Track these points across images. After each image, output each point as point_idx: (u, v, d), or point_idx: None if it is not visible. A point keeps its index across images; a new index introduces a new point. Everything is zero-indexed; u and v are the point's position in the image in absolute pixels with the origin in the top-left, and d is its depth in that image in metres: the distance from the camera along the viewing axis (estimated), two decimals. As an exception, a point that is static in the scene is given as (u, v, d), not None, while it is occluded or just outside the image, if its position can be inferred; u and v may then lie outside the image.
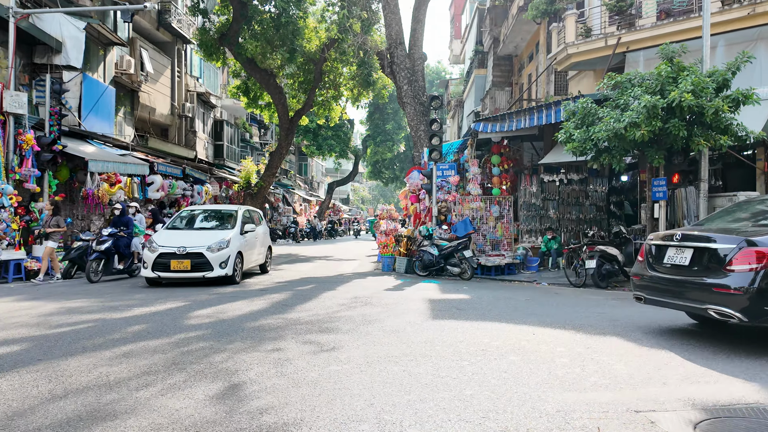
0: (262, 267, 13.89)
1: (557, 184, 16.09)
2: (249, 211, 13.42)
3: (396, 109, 41.23)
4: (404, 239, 15.43)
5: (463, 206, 15.87)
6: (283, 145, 26.16)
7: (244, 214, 12.69)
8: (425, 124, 19.95)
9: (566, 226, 16.25)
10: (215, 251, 10.99)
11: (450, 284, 12.41)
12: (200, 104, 28.52)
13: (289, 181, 43.29)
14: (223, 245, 11.14)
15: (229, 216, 12.65)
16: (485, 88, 26.01)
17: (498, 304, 9.08)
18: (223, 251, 11.08)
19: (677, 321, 7.55)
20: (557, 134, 12.63)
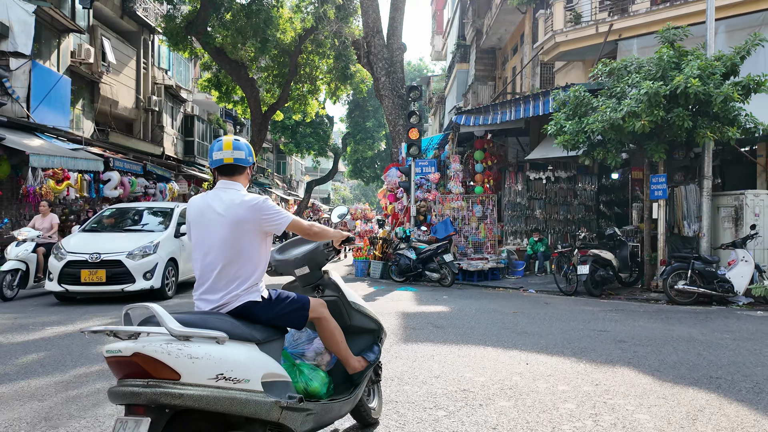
0: None
1: (544, 182, 14.86)
2: None
3: (377, 107, 39.83)
4: (380, 241, 14.07)
5: (444, 206, 14.55)
6: (255, 141, 24.61)
7: (181, 212, 10.45)
8: (404, 118, 18.59)
9: (553, 227, 15.02)
10: (138, 258, 8.80)
11: (428, 292, 11.07)
12: (169, 98, 26.84)
13: (266, 179, 41.63)
14: (148, 250, 8.99)
15: (163, 214, 10.50)
16: (467, 83, 24.77)
17: (482, 320, 7.75)
18: (149, 258, 8.91)
19: (693, 341, 6.28)
20: (546, 126, 11.37)
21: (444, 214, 14.47)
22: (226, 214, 2.87)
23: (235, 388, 2.44)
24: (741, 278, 9.17)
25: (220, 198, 2.93)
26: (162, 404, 2.31)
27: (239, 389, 2.45)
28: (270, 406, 2.53)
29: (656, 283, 10.67)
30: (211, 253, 2.88)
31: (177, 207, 10.60)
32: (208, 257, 2.89)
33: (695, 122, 9.46)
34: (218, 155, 2.97)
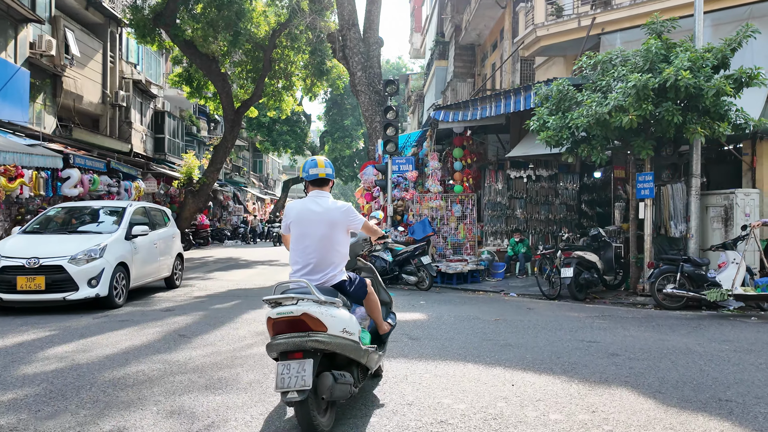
0: (169, 281, 10.77)
1: (525, 180, 14.29)
2: (145, 208, 10.52)
3: (355, 105, 39.09)
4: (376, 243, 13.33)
5: (422, 205, 13.89)
6: (228, 138, 23.69)
7: (135, 212, 9.73)
8: (381, 114, 17.90)
9: (534, 227, 14.46)
10: (82, 263, 7.85)
11: (405, 297, 10.38)
12: (137, 93, 25.73)
13: (242, 178, 40.61)
14: (94, 254, 8.02)
15: (115, 214, 9.59)
16: (446, 80, 24.17)
17: (462, 329, 7.08)
18: (94, 263, 7.97)
19: (691, 354, 5.70)
20: (528, 122, 10.78)
21: (422, 214, 13.81)
22: (325, 215, 3.92)
23: (350, 339, 3.55)
24: (732, 281, 8.66)
25: (317, 203, 3.97)
26: (316, 349, 3.37)
27: (351, 340, 3.57)
28: (363, 352, 3.71)
29: (643, 287, 10.14)
30: (311, 245, 3.89)
31: (130, 206, 9.72)
32: (309, 248, 3.89)
33: (684, 117, 8.93)
34: (314, 171, 4.03)
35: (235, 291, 10.71)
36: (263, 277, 13.49)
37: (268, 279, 12.93)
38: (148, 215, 10.37)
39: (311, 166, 4.08)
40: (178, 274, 11.32)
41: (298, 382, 3.26)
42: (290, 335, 3.38)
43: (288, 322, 3.39)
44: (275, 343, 3.41)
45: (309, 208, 3.96)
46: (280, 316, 3.39)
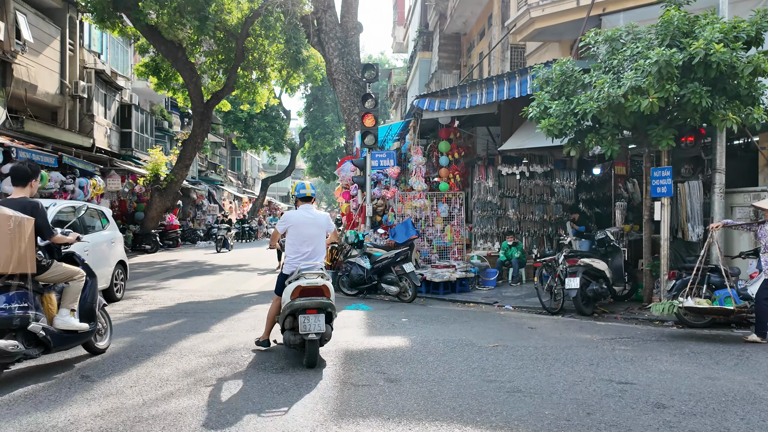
0: (107, 294, 8.86)
1: (518, 177, 12.79)
2: (75, 208, 8.78)
3: (336, 101, 37.37)
4: (328, 247, 11.68)
5: (405, 204, 12.31)
6: (197, 132, 21.88)
7: (60, 212, 8.04)
8: (360, 104, 16.30)
9: (528, 228, 12.98)
10: None
11: (384, 312, 8.80)
12: (101, 84, 23.76)
13: (218, 176, 38.66)
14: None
15: None
16: (430, 72, 22.64)
17: (454, 363, 5.51)
18: None
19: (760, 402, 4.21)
20: (526, 109, 9.24)
21: (405, 215, 12.23)
22: (315, 220, 5.78)
23: (333, 302, 5.35)
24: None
25: (309, 212, 5.82)
26: (325, 307, 5.21)
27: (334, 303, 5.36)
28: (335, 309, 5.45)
29: (659, 299, 8.68)
30: (307, 241, 5.66)
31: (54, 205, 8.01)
32: (305, 243, 5.66)
33: (712, 101, 7.48)
34: (304, 191, 5.91)
35: (185, 305, 9.02)
36: (224, 285, 11.80)
37: (228, 289, 11.25)
38: (79, 217, 8.63)
39: (302, 187, 5.93)
40: (120, 285, 9.60)
41: (317, 328, 5.10)
42: (312, 298, 5.16)
43: (313, 289, 5.20)
44: (299, 303, 5.12)
45: (304, 215, 5.76)
46: (309, 284, 5.21)
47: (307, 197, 5.88)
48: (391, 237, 11.60)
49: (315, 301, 5.15)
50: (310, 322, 5.08)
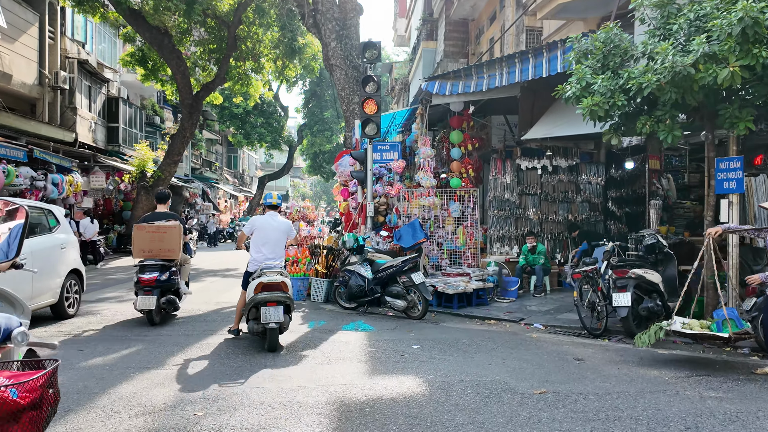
0: (57, 309, 7.55)
1: (539, 172, 11.11)
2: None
3: (336, 97, 35.68)
4: (323, 252, 9.99)
5: (411, 203, 10.62)
6: (186, 126, 20.17)
7: None
8: (360, 93, 14.60)
9: (551, 230, 11.30)
10: None
11: (390, 334, 7.12)
12: (85, 75, 22.05)
13: (214, 174, 36.96)
14: None
15: None
16: (435, 63, 20.95)
17: (492, 426, 3.82)
18: None
19: None
20: (560, 87, 7.54)
21: (411, 215, 10.55)
22: (278, 226, 6.52)
23: (292, 296, 6.16)
24: None
25: (274, 219, 6.57)
26: (284, 301, 5.91)
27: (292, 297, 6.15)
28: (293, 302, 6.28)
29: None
30: (268, 243, 6.37)
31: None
32: (267, 245, 6.36)
33: (808, 72, 5.80)
34: (270, 200, 6.74)
35: (147, 326, 7.32)
36: (204, 296, 10.10)
37: (207, 301, 9.55)
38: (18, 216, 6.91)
39: (269, 197, 6.88)
40: (73, 298, 7.91)
41: (276, 318, 5.89)
42: (272, 293, 5.98)
43: (273, 285, 6.01)
44: (261, 297, 5.92)
45: (269, 221, 6.58)
46: (270, 281, 6.02)
47: (273, 206, 6.74)
48: (395, 240, 9.91)
49: (275, 295, 5.95)
50: (270, 313, 5.85)
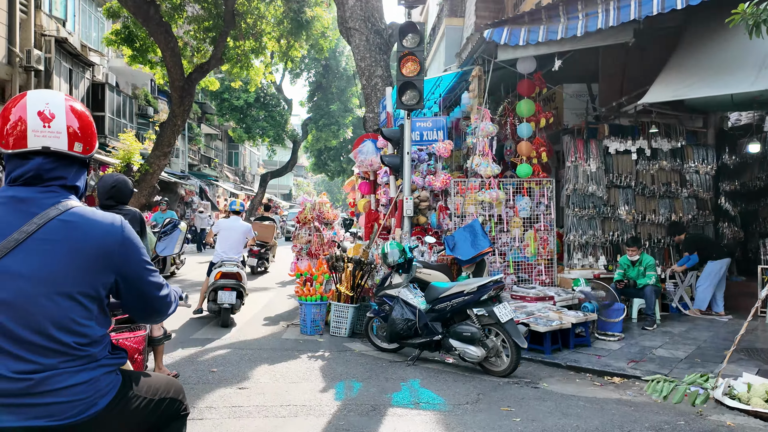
0: None
1: (634, 157, 8.04)
2: None
3: (342, 88, 32.57)
4: (347, 265, 6.86)
5: (466, 199, 7.52)
6: (176, 113, 17.02)
7: None
8: (384, 64, 11.52)
9: (647, 234, 8.22)
10: None
11: (474, 414, 4.05)
12: (64, 56, 18.98)
13: (213, 171, 33.87)
14: None
15: None
16: (462, 41, 17.87)
17: None
18: None
19: None
20: (742, 6, 4.44)
21: (466, 214, 7.46)
22: (239, 228, 7.52)
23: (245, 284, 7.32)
24: None
25: (236, 222, 7.61)
26: (238, 287, 7.08)
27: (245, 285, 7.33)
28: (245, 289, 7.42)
29: None
30: (229, 242, 7.36)
31: None
32: (228, 242, 7.36)
33: None
34: (234, 207, 7.97)
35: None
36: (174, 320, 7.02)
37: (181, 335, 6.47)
38: None
39: (233, 204, 8.12)
40: None
41: (229, 300, 6.99)
42: (229, 281, 7.04)
43: (230, 274, 7.08)
44: (220, 283, 7.01)
45: (231, 224, 7.64)
46: (227, 271, 7.08)
47: (236, 211, 7.92)
48: (447, 251, 6.84)
49: (230, 282, 7.04)
50: (225, 297, 7.00)
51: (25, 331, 1.49)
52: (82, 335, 1.56)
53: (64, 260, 1.53)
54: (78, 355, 1.55)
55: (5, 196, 1.57)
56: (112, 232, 1.63)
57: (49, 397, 1.49)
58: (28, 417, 1.47)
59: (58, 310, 1.51)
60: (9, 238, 1.50)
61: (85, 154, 1.68)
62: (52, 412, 1.49)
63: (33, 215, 1.54)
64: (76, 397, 1.53)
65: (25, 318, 1.49)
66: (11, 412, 1.47)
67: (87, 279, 1.56)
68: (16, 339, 1.48)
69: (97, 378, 1.57)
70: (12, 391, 1.47)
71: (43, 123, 1.57)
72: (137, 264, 1.69)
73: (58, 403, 1.50)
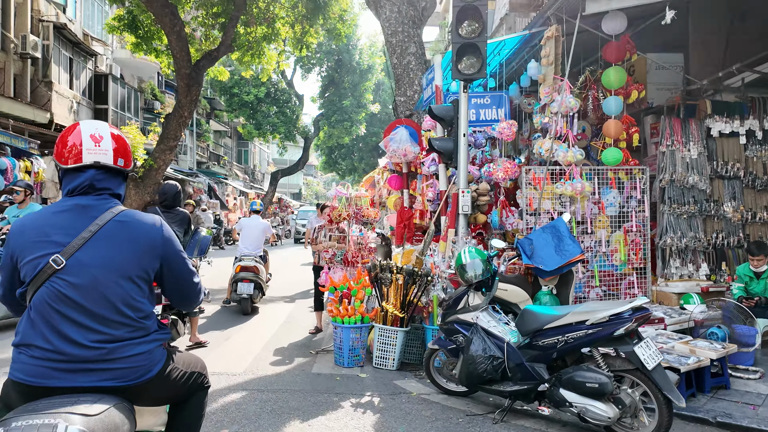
0: None
1: (743, 141, 6.35)
2: None
3: (355, 83, 30.89)
4: (396, 277, 5.20)
5: (542, 191, 5.85)
6: (183, 103, 15.40)
7: None
8: (417, 40, 9.89)
9: (758, 235, 6.52)
10: None
11: None
12: (64, 44, 17.48)
13: (222, 169, 32.33)
14: None
15: None
16: (494, 24, 16.19)
17: None
18: None
19: None
20: None
21: (540, 211, 5.79)
22: (258, 226, 8.26)
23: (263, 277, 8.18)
24: None
25: (256, 220, 8.34)
26: (255, 279, 7.85)
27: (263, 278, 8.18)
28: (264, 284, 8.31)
29: None
30: (249, 238, 8.12)
31: None
32: (249, 238, 8.11)
33: None
34: (254, 207, 8.54)
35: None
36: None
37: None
38: None
39: (254, 204, 8.59)
40: None
41: (247, 291, 7.74)
42: (248, 273, 7.79)
43: (248, 267, 7.79)
44: (240, 275, 7.79)
45: (251, 222, 8.31)
46: (246, 265, 7.80)
47: (257, 210, 8.48)
48: (525, 259, 5.17)
49: (248, 275, 7.79)
50: (243, 288, 7.74)
51: (100, 308, 1.87)
52: (139, 310, 1.95)
53: (123, 251, 1.93)
54: (137, 326, 1.93)
55: (70, 204, 1.98)
56: (156, 229, 2.04)
57: (118, 363, 1.86)
58: (101, 379, 1.83)
59: (122, 290, 1.91)
60: (79, 237, 1.89)
61: (126, 168, 2.06)
62: (118, 376, 1.86)
63: (94, 218, 1.94)
64: (137, 364, 1.89)
65: (99, 298, 1.87)
66: (87, 374, 1.82)
67: (141, 265, 1.96)
68: (93, 314, 1.86)
69: (151, 350, 1.94)
70: (89, 358, 1.83)
71: (95, 143, 1.99)
72: (175, 254, 2.09)
73: (123, 368, 1.87)
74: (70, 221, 1.90)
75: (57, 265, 1.82)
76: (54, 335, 1.80)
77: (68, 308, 1.82)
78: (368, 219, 6.09)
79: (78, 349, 1.80)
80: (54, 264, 1.82)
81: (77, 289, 1.83)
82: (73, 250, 1.85)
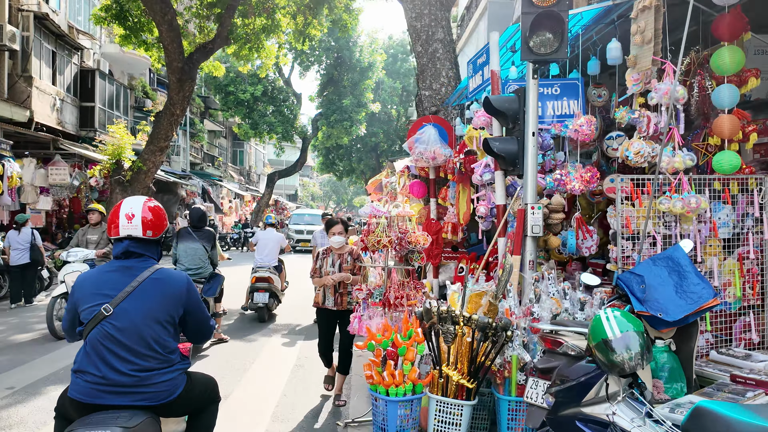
0: None
1: None
2: None
3: (355, 82, 29.30)
4: (462, 329, 3.68)
5: (640, 209, 4.39)
6: (175, 100, 13.82)
7: None
8: (445, 24, 8.43)
9: None
10: None
11: None
12: (46, 36, 15.80)
13: (217, 170, 30.66)
14: None
15: None
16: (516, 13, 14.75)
17: None
18: None
19: None
20: None
21: (638, 233, 4.32)
22: (273, 238, 9.14)
23: (279, 287, 9.06)
24: None
25: (272, 232, 9.24)
26: (271, 289, 8.72)
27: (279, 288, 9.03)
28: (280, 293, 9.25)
29: None
30: (266, 249, 9.00)
31: None
32: (265, 250, 8.98)
33: None
34: (270, 221, 9.41)
35: None
36: None
37: None
38: None
39: (269, 218, 9.40)
40: None
41: (263, 300, 8.54)
42: (263, 283, 8.58)
43: (263, 278, 8.58)
44: (256, 285, 8.57)
45: (267, 234, 9.13)
46: (260, 275, 8.58)
47: (272, 224, 9.30)
48: (635, 302, 3.68)
49: (263, 285, 8.56)
50: (259, 297, 8.54)
51: (136, 345, 2.46)
52: (166, 346, 2.55)
53: (156, 301, 2.55)
54: (164, 359, 2.53)
55: (117, 265, 2.63)
56: (182, 283, 2.65)
57: (149, 388, 2.46)
58: (136, 399, 2.42)
59: (153, 331, 2.50)
60: (123, 291, 2.52)
61: (155, 237, 2.68)
62: (149, 397, 2.45)
63: (134, 276, 2.57)
64: (163, 389, 2.48)
65: (136, 337, 2.46)
66: (125, 396, 2.42)
67: (169, 311, 2.57)
68: (131, 350, 2.44)
69: (175, 378, 2.54)
70: (127, 383, 2.43)
71: (127, 220, 2.63)
72: (196, 302, 2.72)
73: (153, 392, 2.46)
74: (117, 279, 2.55)
75: (107, 312, 2.47)
76: (102, 365, 2.41)
77: (113, 344, 2.43)
78: (416, 246, 4.45)
79: (119, 375, 2.40)
80: (104, 311, 2.47)
81: (121, 331, 2.46)
82: (119, 301, 2.49)
